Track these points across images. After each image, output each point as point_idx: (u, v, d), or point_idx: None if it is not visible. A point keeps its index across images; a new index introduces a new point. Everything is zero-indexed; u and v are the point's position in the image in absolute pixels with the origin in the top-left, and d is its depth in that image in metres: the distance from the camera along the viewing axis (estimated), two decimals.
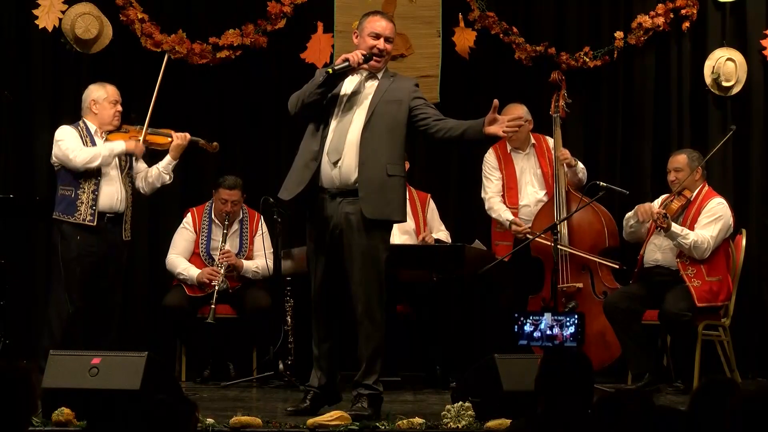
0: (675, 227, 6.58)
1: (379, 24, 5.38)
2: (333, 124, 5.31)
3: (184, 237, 7.14)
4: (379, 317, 5.31)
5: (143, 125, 6.63)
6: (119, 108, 6.66)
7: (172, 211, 7.41)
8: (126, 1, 7.53)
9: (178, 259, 7.07)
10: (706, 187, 6.82)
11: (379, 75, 5.41)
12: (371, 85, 5.37)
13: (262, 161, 7.73)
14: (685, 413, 3.19)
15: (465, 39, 7.63)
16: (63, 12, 7.44)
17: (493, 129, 5.18)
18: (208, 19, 7.66)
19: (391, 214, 5.35)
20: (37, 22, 7.45)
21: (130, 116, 6.76)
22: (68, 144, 6.52)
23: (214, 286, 6.85)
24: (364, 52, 5.30)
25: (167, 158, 6.69)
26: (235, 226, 7.14)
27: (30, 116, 7.50)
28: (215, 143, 6.85)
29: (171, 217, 7.35)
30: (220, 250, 6.97)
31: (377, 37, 5.35)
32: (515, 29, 7.62)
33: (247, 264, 7.08)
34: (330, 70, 5.24)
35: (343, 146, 5.26)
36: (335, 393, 5.52)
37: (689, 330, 6.53)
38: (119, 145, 6.56)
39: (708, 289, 6.58)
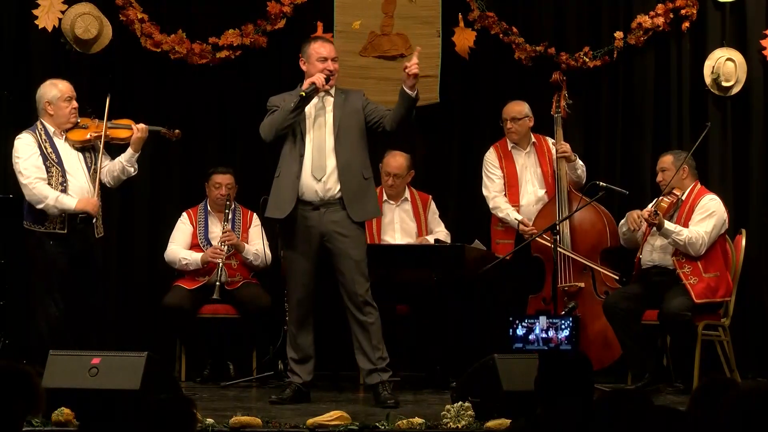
0: (668, 225, 6.60)
1: (322, 49, 6.02)
2: (309, 143, 5.92)
3: (181, 230, 7.18)
4: (374, 304, 5.92)
5: (101, 119, 6.46)
6: (75, 104, 6.49)
7: (171, 211, 7.40)
8: (126, 1, 7.53)
9: (178, 249, 7.11)
10: (698, 186, 6.83)
11: (332, 92, 6.03)
12: (329, 102, 6.00)
13: (261, 161, 7.71)
14: (685, 413, 3.19)
15: (465, 39, 7.62)
16: (63, 12, 7.44)
17: (403, 76, 5.78)
18: (208, 19, 7.66)
19: (374, 213, 6.14)
20: (37, 22, 7.45)
21: (86, 110, 6.61)
22: (25, 165, 6.34)
23: (219, 262, 6.92)
24: (324, 75, 5.90)
25: (129, 151, 6.53)
26: (229, 216, 7.16)
27: (30, 116, 7.47)
28: (177, 131, 6.73)
29: (170, 218, 7.33)
30: (222, 230, 7.03)
31: (324, 60, 5.98)
32: (515, 29, 7.61)
33: (248, 246, 7.13)
34: (303, 93, 5.82)
35: (325, 163, 5.88)
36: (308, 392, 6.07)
37: (689, 330, 6.53)
38: (71, 203, 6.31)
39: (705, 285, 6.58)
